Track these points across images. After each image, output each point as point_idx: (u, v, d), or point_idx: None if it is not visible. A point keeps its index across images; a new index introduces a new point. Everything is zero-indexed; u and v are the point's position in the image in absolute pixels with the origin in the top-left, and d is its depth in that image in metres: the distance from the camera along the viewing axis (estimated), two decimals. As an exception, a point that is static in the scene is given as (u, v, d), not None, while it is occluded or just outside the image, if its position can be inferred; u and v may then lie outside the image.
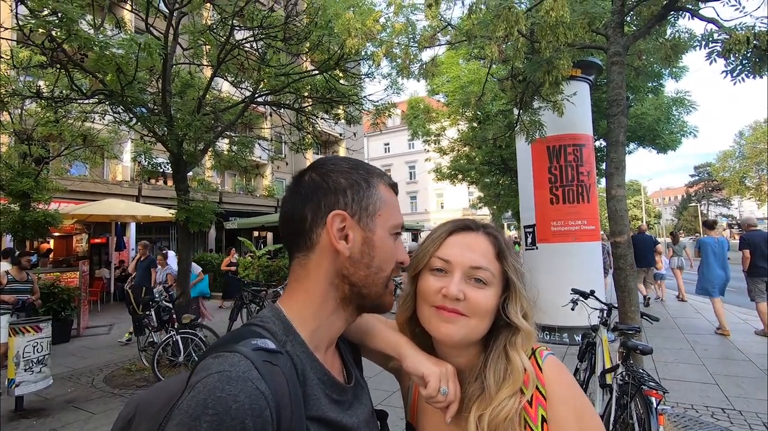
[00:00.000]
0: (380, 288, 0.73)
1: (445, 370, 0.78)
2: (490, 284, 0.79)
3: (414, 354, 0.82)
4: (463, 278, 0.78)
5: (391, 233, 0.74)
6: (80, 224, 13.87)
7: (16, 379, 4.43)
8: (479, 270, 0.79)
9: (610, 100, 3.91)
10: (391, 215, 0.75)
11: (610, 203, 3.86)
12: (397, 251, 0.75)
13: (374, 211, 0.72)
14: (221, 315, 9.62)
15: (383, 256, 0.72)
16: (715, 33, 3.63)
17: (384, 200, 0.74)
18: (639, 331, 3.41)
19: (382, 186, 0.75)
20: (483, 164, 14.06)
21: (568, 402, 0.77)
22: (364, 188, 0.73)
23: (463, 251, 0.81)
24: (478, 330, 0.79)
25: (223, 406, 0.50)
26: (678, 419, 3.88)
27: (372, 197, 0.73)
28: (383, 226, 0.73)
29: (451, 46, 6.52)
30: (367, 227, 0.72)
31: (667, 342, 6.48)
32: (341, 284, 0.71)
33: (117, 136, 9.39)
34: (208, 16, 7.56)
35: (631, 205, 57.87)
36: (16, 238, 8.40)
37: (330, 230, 0.69)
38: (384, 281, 0.73)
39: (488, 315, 0.79)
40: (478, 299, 0.77)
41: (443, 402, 0.76)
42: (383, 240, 0.73)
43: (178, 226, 6.85)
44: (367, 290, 0.72)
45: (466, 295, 0.77)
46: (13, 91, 6.23)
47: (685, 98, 9.88)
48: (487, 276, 0.79)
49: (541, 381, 0.78)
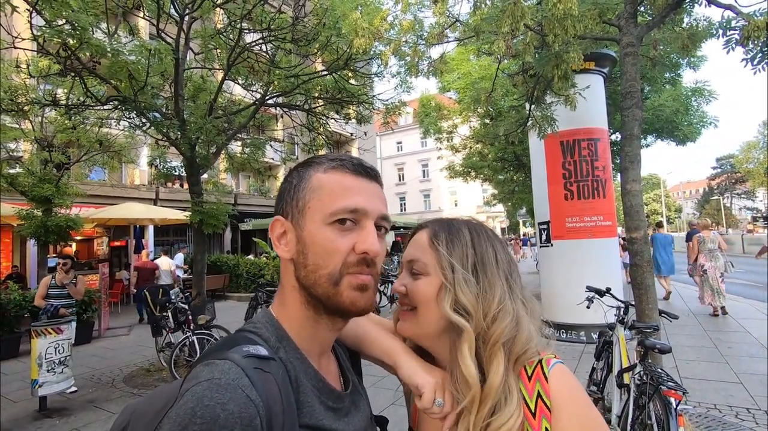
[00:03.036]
0: (326, 287, 0.65)
1: (441, 381, 0.75)
2: (425, 275, 0.78)
3: (409, 362, 0.79)
4: (407, 272, 0.81)
5: (328, 223, 0.65)
6: (100, 228, 14.22)
7: (39, 380, 4.56)
8: (413, 263, 0.80)
9: (624, 93, 3.82)
10: (326, 201, 0.65)
11: (626, 198, 3.78)
12: (348, 242, 0.65)
13: (303, 205, 0.67)
14: (234, 315, 9.72)
15: (317, 251, 0.65)
16: (733, 20, 3.50)
17: (315, 188, 0.67)
18: (657, 329, 3.32)
19: (316, 174, 0.68)
20: (496, 160, 13.90)
21: (575, 415, 0.72)
22: (295, 184, 0.69)
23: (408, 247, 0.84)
24: (426, 322, 0.78)
25: (211, 415, 0.49)
26: (700, 419, 3.76)
27: (301, 191, 0.68)
28: (313, 218, 0.66)
29: (461, 43, 6.46)
30: (298, 225, 0.67)
31: (689, 339, 6.31)
32: (300, 288, 0.68)
33: (133, 141, 9.61)
34: (219, 20, 7.65)
35: (650, 199, 56.61)
36: (39, 242, 8.65)
37: (272, 237, 0.69)
38: (327, 279, 0.64)
39: (429, 304, 0.77)
40: (415, 288, 0.78)
41: (439, 414, 0.73)
42: (314, 234, 0.65)
43: (193, 228, 6.95)
44: (314, 291, 0.66)
45: (407, 287, 0.81)
46: (33, 100, 6.41)
47: (704, 88, 9.58)
48: (420, 267, 0.79)
49: (547, 392, 0.73)
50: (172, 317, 6.01)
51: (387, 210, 0.71)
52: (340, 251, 0.64)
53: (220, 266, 14.21)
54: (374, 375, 4.92)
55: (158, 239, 17.00)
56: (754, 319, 7.35)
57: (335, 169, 0.68)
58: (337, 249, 0.64)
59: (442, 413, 0.73)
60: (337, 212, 0.64)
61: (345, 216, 0.64)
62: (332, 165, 0.68)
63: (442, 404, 0.72)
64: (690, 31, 4.37)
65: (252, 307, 8.07)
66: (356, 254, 0.65)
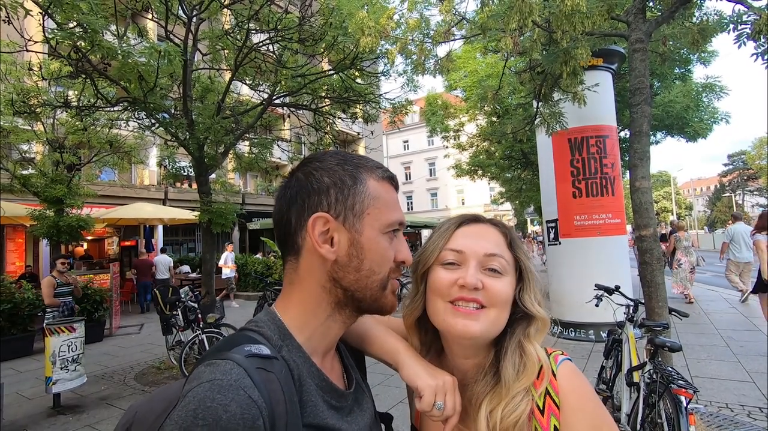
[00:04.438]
0: (375, 292, 0.68)
1: (442, 383, 0.73)
2: (506, 273, 0.76)
3: (411, 363, 0.78)
4: (478, 268, 0.75)
5: (384, 232, 0.68)
6: (111, 228, 14.40)
7: (53, 377, 4.64)
8: (494, 258, 0.76)
9: (632, 89, 3.78)
10: (383, 212, 0.68)
11: (635, 195, 3.74)
12: (394, 251, 0.69)
13: (361, 210, 0.67)
14: (242, 313, 9.80)
15: (374, 258, 0.67)
16: (744, 14, 3.45)
17: (374, 196, 0.68)
18: (667, 327, 3.29)
19: (371, 181, 0.69)
20: (503, 158, 13.84)
21: (584, 412, 0.72)
22: (349, 185, 0.67)
23: (476, 240, 0.78)
24: (498, 322, 0.75)
25: (213, 416, 0.49)
26: (711, 418, 3.72)
27: (359, 195, 0.67)
28: (373, 225, 0.67)
29: (468, 40, 6.44)
30: (354, 228, 0.66)
31: (700, 338, 6.24)
32: (334, 289, 0.67)
33: (143, 141, 9.70)
34: (226, 21, 7.70)
35: (660, 197, 55.89)
36: (51, 242, 8.77)
37: (311, 235, 0.65)
38: (378, 284, 0.68)
39: (507, 305, 0.76)
40: (497, 287, 0.74)
41: (439, 417, 0.72)
42: (373, 241, 0.67)
43: (202, 227, 7.01)
44: (360, 295, 0.67)
45: (485, 284, 0.73)
46: (45, 102, 6.50)
47: (715, 84, 9.43)
48: (502, 264, 0.76)
49: (555, 389, 0.73)
50: (182, 315, 6.08)
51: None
52: (391, 259, 0.69)
53: (229, 266, 14.30)
54: (382, 373, 4.93)
55: (168, 239, 17.17)
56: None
57: (386, 180, 0.72)
58: (390, 258, 0.69)
59: (442, 416, 0.72)
60: (393, 223, 0.70)
61: (396, 228, 0.70)
62: (384, 175, 0.72)
63: (443, 407, 0.72)
64: (700, 25, 4.30)
65: (260, 305, 8.14)
66: (396, 262, 0.70)
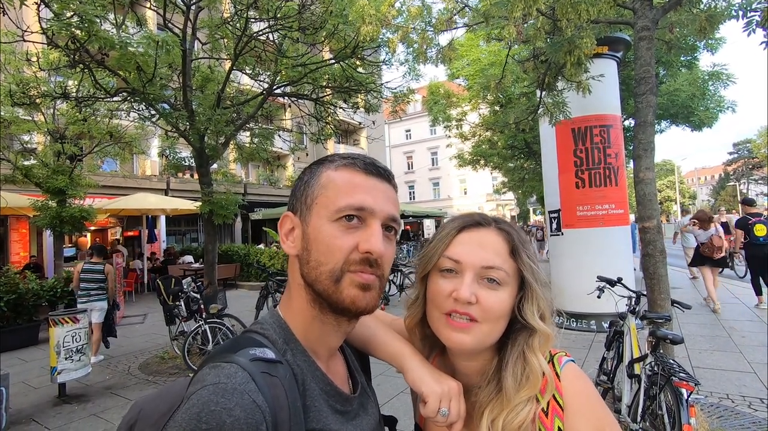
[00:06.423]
0: (326, 284, 0.63)
1: (447, 390, 0.72)
2: (505, 284, 0.73)
3: (416, 368, 0.77)
4: (475, 279, 0.73)
5: (334, 220, 0.64)
6: (114, 218, 14.45)
7: (58, 367, 4.69)
8: (492, 270, 0.73)
9: (637, 78, 3.71)
10: (332, 198, 0.64)
11: (638, 186, 3.70)
12: (352, 240, 0.63)
13: (311, 201, 0.66)
14: (245, 304, 9.86)
15: (319, 248, 0.64)
16: (754, 1, 3.37)
17: (324, 184, 0.66)
18: (669, 320, 3.28)
19: (327, 171, 0.67)
20: (506, 148, 13.76)
21: (588, 414, 0.71)
22: (306, 180, 0.69)
23: (474, 249, 0.74)
24: (491, 336, 0.73)
25: (217, 420, 0.49)
26: (712, 409, 3.74)
27: (311, 187, 0.67)
28: (319, 213, 0.65)
29: (470, 29, 6.33)
30: (305, 221, 0.66)
31: (702, 329, 6.24)
32: (306, 286, 0.66)
33: (144, 132, 9.66)
34: (226, 9, 7.59)
35: (664, 186, 55.62)
36: (54, 233, 8.81)
37: (280, 234, 0.69)
38: (328, 276, 0.63)
39: (502, 319, 0.74)
40: (491, 302, 0.72)
41: (443, 423, 0.72)
42: (317, 230, 0.64)
43: (204, 218, 7.02)
44: (317, 288, 0.64)
45: (479, 298, 0.71)
46: (44, 92, 6.46)
47: (722, 72, 9.28)
48: (500, 276, 0.73)
49: (559, 391, 0.72)
50: (185, 306, 6.11)
51: (397, 212, 0.69)
52: (342, 248, 0.63)
53: (231, 256, 14.39)
54: (383, 364, 4.96)
55: (170, 229, 17.25)
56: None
57: (346, 167, 0.67)
58: (340, 246, 0.63)
59: (446, 422, 0.72)
60: (342, 208, 0.63)
61: (351, 213, 0.63)
62: (344, 163, 0.67)
63: (447, 413, 0.71)
64: (708, 12, 4.21)
65: (263, 296, 8.16)
66: (360, 252, 0.63)
